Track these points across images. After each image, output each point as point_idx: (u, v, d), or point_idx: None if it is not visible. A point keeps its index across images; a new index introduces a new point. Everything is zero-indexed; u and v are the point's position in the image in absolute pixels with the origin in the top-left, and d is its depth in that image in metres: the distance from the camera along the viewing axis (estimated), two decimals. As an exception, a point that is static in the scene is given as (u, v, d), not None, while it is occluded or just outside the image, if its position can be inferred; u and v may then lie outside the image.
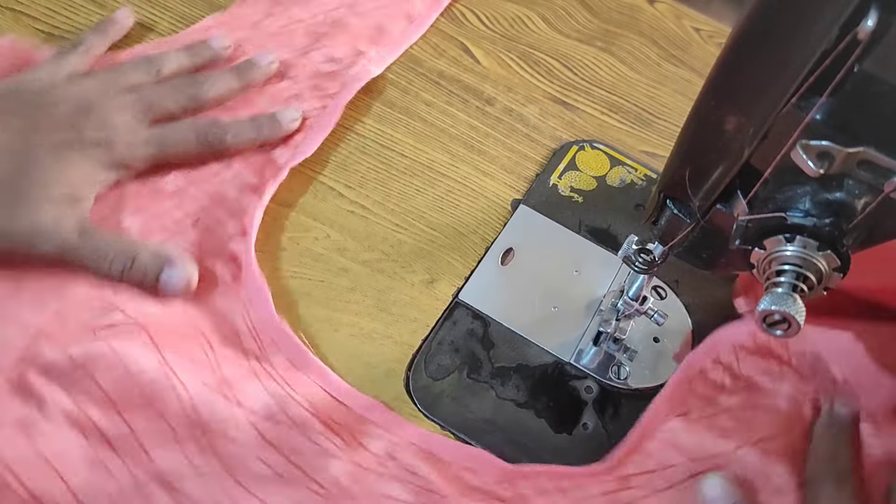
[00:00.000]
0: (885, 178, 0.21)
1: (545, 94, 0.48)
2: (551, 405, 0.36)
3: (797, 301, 0.23)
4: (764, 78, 0.21)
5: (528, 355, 0.37)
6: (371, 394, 0.35)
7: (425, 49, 0.49)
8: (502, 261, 0.40)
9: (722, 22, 0.54)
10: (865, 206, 0.22)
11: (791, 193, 0.23)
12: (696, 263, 0.30)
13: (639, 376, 0.37)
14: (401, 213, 0.41)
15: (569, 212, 0.43)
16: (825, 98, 0.20)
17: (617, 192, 0.44)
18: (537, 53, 0.50)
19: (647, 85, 0.50)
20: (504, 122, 0.46)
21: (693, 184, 0.26)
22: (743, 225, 0.25)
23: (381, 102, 0.46)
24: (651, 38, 0.52)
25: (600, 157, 0.45)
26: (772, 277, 0.24)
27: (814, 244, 0.23)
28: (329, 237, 0.40)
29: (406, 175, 0.43)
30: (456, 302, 0.38)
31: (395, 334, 0.37)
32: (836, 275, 0.24)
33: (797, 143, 0.21)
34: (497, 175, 0.44)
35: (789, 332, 0.23)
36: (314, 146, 0.41)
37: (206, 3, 0.49)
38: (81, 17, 0.47)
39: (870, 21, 0.18)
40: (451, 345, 0.37)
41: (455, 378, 0.36)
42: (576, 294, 0.40)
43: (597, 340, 0.38)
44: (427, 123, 0.46)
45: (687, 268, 0.30)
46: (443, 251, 0.40)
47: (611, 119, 0.48)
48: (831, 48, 0.19)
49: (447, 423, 0.35)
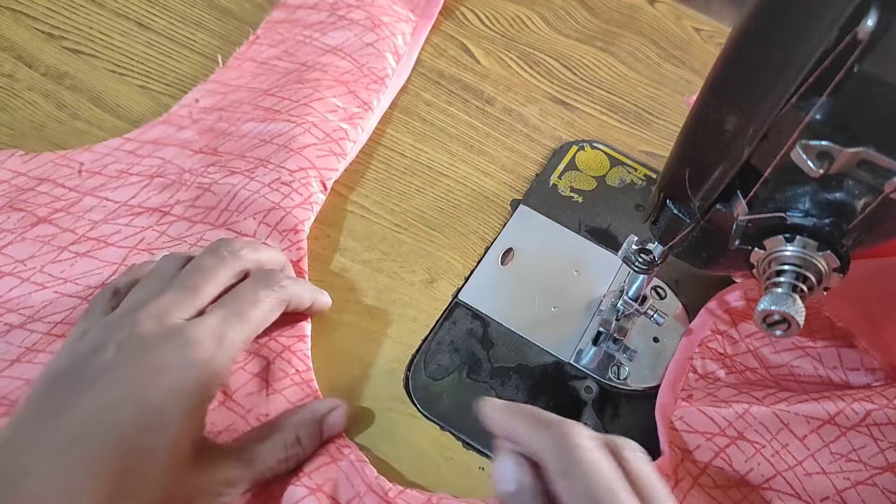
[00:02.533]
0: (885, 179, 0.21)
1: (545, 94, 0.48)
2: (551, 405, 0.36)
3: (797, 301, 0.23)
4: (764, 78, 0.21)
5: (528, 355, 0.37)
6: (371, 393, 0.35)
7: (425, 49, 0.49)
8: (502, 261, 0.40)
9: (722, 22, 0.54)
10: (865, 206, 0.22)
11: (791, 193, 0.23)
12: (696, 263, 0.30)
13: (638, 376, 0.37)
14: (401, 213, 0.41)
15: (569, 212, 0.42)
16: (825, 98, 0.20)
17: (617, 192, 0.44)
18: (537, 53, 0.50)
19: (647, 85, 0.50)
20: (504, 122, 0.46)
21: (693, 184, 0.26)
22: (743, 225, 0.25)
23: (380, 102, 0.46)
24: (651, 38, 0.52)
25: (600, 157, 0.45)
26: (772, 277, 0.24)
27: (814, 244, 0.23)
28: (329, 237, 0.40)
29: (406, 175, 0.43)
30: (456, 302, 0.38)
31: (395, 334, 0.37)
32: (836, 275, 0.24)
33: (797, 143, 0.21)
34: (497, 175, 0.44)
35: (789, 332, 0.23)
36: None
37: (205, 3, 0.49)
38: (81, 17, 0.47)
39: (870, 21, 0.18)
40: (450, 345, 0.37)
41: (455, 378, 0.36)
42: (576, 294, 0.40)
43: (596, 340, 0.38)
44: (427, 123, 0.46)
45: (687, 268, 0.30)
46: (443, 251, 0.40)
47: (611, 119, 0.48)
48: (831, 48, 0.19)
49: (446, 423, 0.35)
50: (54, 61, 0.45)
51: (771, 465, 0.32)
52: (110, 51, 0.46)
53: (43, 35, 0.46)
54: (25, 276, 0.35)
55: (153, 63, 0.46)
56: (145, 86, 0.45)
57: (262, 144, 0.40)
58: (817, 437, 0.32)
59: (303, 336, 0.35)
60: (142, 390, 0.26)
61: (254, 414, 0.32)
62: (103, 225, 0.37)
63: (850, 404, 0.32)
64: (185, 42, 0.47)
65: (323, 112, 0.41)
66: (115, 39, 0.46)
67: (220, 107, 0.43)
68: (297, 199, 0.37)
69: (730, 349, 0.37)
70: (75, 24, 0.47)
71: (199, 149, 0.40)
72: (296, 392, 0.33)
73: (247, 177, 0.38)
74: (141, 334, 0.27)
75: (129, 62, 0.46)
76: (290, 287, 0.32)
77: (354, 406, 0.35)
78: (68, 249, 0.36)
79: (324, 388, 0.34)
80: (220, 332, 0.28)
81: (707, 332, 0.37)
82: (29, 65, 0.44)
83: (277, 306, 0.31)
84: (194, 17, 0.48)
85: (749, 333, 0.37)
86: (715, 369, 0.36)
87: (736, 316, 0.37)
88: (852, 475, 0.32)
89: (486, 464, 0.34)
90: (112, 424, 0.25)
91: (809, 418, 0.32)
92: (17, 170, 0.39)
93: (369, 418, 0.34)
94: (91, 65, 0.45)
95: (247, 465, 0.28)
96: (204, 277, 0.30)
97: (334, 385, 0.35)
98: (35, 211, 0.37)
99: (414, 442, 0.34)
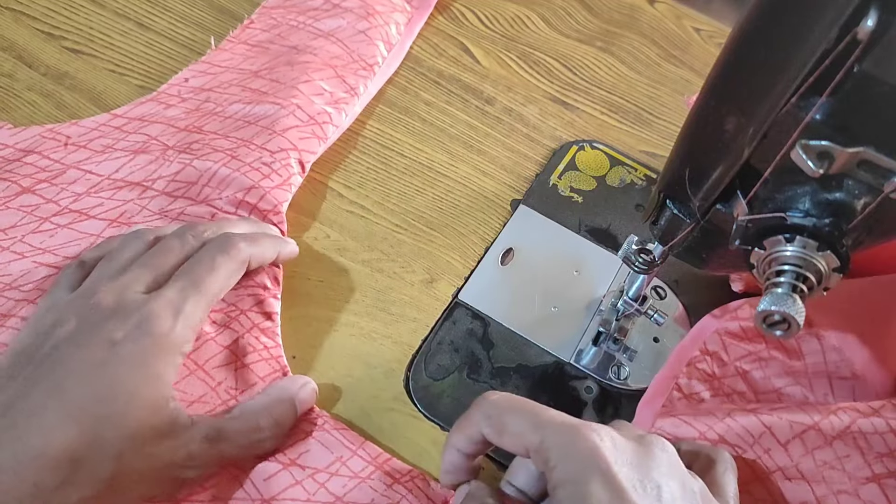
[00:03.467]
0: (885, 179, 0.21)
1: (545, 94, 0.48)
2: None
3: (797, 301, 0.23)
4: (764, 78, 0.21)
5: (528, 355, 0.37)
6: (371, 394, 0.35)
7: (425, 49, 0.49)
8: (502, 261, 0.40)
9: (722, 22, 0.54)
10: (865, 206, 0.22)
11: (791, 193, 0.23)
12: (696, 263, 0.30)
13: (638, 376, 0.37)
14: (400, 213, 0.41)
15: (569, 212, 0.42)
16: (825, 98, 0.20)
17: (617, 192, 0.44)
18: (537, 53, 0.50)
19: (647, 85, 0.50)
20: (504, 122, 0.46)
21: (693, 184, 0.26)
22: (743, 225, 0.25)
23: (380, 102, 0.46)
24: (651, 38, 0.52)
25: (600, 157, 0.45)
26: (771, 278, 0.24)
27: (813, 244, 0.23)
28: (329, 237, 0.40)
29: (406, 175, 0.43)
30: (456, 302, 0.38)
31: (395, 334, 0.37)
32: (836, 275, 0.24)
33: (797, 143, 0.21)
34: (497, 175, 0.44)
35: (789, 333, 0.23)
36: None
37: (205, 3, 0.49)
38: (81, 17, 0.47)
39: (870, 21, 0.18)
40: (450, 345, 0.37)
41: (455, 378, 0.36)
42: (576, 294, 0.40)
43: (597, 340, 0.38)
44: (427, 123, 0.46)
45: (687, 268, 0.30)
46: (442, 251, 0.40)
47: (611, 119, 0.48)
48: (831, 48, 0.19)
49: (447, 423, 0.34)
50: (54, 61, 0.45)
51: (750, 469, 0.32)
52: (110, 51, 0.46)
53: (43, 35, 0.46)
54: (6, 244, 0.36)
55: (153, 63, 0.46)
56: (145, 86, 0.45)
57: (245, 125, 0.40)
58: (800, 442, 0.32)
59: (270, 314, 0.35)
60: (98, 362, 0.27)
61: (224, 386, 0.33)
62: (86, 197, 0.38)
63: (835, 412, 0.32)
64: (185, 42, 0.47)
65: (309, 94, 0.41)
66: (115, 39, 0.46)
67: (210, 87, 0.43)
68: (277, 179, 0.38)
69: (718, 371, 0.35)
70: (75, 24, 0.47)
71: (185, 126, 0.41)
72: (264, 367, 0.34)
73: (229, 155, 0.38)
74: (99, 307, 0.29)
75: (129, 62, 0.46)
76: (246, 249, 0.32)
77: (355, 406, 0.35)
78: (50, 220, 0.37)
79: (324, 388, 0.34)
80: (177, 304, 0.29)
81: (696, 351, 0.36)
82: (29, 65, 0.44)
83: (237, 269, 0.32)
84: (194, 17, 0.48)
85: (740, 356, 0.36)
86: (700, 390, 0.35)
87: (727, 337, 0.36)
88: (835, 484, 0.31)
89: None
90: (69, 394, 0.26)
91: (793, 423, 0.32)
92: (5, 142, 0.40)
93: (369, 418, 0.34)
94: (91, 65, 0.45)
95: (212, 442, 0.29)
96: (167, 259, 0.31)
97: (334, 385, 0.35)
98: (20, 181, 0.38)
99: (414, 442, 0.34)
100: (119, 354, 0.27)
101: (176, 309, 0.29)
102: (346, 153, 0.43)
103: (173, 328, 0.29)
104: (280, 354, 0.35)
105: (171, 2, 0.49)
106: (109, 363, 0.27)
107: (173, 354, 0.29)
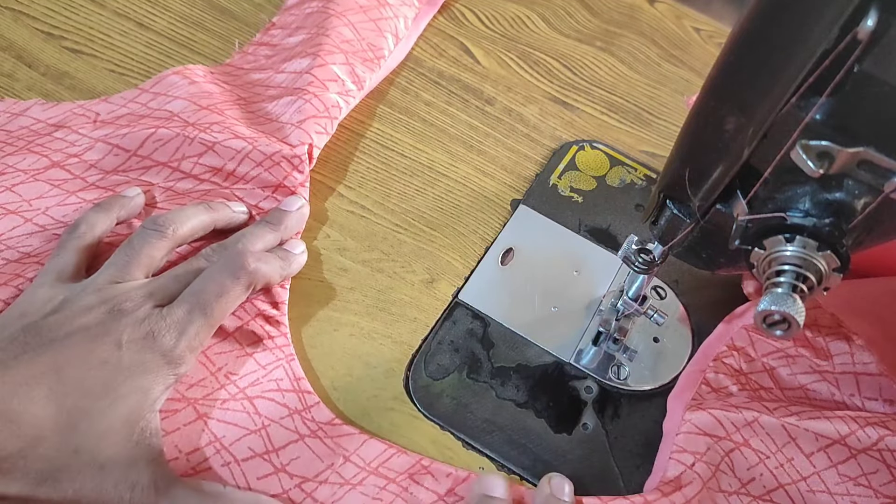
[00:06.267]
0: (885, 179, 0.21)
1: (545, 94, 0.48)
2: (551, 405, 0.36)
3: (797, 301, 0.23)
4: (764, 78, 0.21)
5: (528, 355, 0.37)
6: (371, 393, 0.35)
7: (425, 49, 0.49)
8: (502, 261, 0.40)
9: (722, 22, 0.54)
10: (865, 206, 0.22)
11: (791, 193, 0.23)
12: (696, 263, 0.30)
13: (638, 376, 0.37)
14: (401, 213, 0.41)
15: (569, 212, 0.42)
16: (825, 98, 0.20)
17: (617, 192, 0.44)
18: (537, 53, 0.50)
19: (646, 85, 0.50)
20: (504, 122, 0.46)
21: (693, 184, 0.26)
22: (743, 225, 0.25)
23: (381, 102, 0.46)
24: (651, 38, 0.52)
25: (600, 157, 0.45)
26: (771, 277, 0.24)
27: (813, 244, 0.23)
28: (329, 237, 0.40)
29: (406, 175, 0.43)
30: (456, 302, 0.38)
31: (395, 334, 0.37)
32: (836, 275, 0.24)
33: (797, 143, 0.21)
34: (497, 175, 0.44)
35: (789, 333, 0.23)
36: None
37: (205, 3, 0.49)
38: (81, 16, 0.47)
39: (870, 21, 0.18)
40: (450, 345, 0.37)
41: (455, 378, 0.36)
42: (576, 294, 0.40)
43: (597, 340, 0.38)
44: (427, 123, 0.46)
45: (687, 268, 0.30)
46: (443, 251, 0.40)
47: (611, 119, 0.48)
48: (831, 48, 0.19)
49: (447, 423, 0.35)
50: (54, 61, 0.45)
51: (774, 476, 0.32)
52: (110, 51, 0.46)
53: (43, 35, 0.46)
54: (28, 216, 0.36)
55: (153, 63, 0.46)
56: (145, 86, 0.45)
57: (267, 122, 0.40)
58: (825, 455, 0.32)
59: (277, 303, 0.36)
60: (101, 360, 0.28)
61: (223, 372, 0.33)
62: (113, 175, 0.38)
63: (862, 427, 0.32)
64: (185, 42, 0.47)
65: (324, 80, 0.41)
66: (115, 39, 0.46)
67: (236, 84, 0.44)
68: (300, 177, 0.38)
69: (745, 366, 0.36)
70: (75, 24, 0.47)
71: (206, 105, 0.41)
72: (267, 356, 0.34)
73: (251, 144, 0.38)
74: (122, 310, 0.30)
75: (129, 62, 0.46)
76: (258, 271, 0.33)
77: (355, 406, 0.35)
78: (76, 195, 0.37)
79: (324, 388, 0.34)
80: (183, 325, 0.30)
81: (723, 346, 0.36)
82: (29, 65, 0.44)
83: (243, 293, 0.33)
84: (194, 17, 0.48)
85: (767, 352, 0.36)
86: (728, 385, 0.36)
87: (754, 332, 0.37)
88: (860, 499, 0.31)
89: (487, 463, 0.34)
90: (63, 377, 0.28)
91: (819, 436, 0.32)
92: (38, 117, 0.41)
93: (369, 418, 0.34)
94: (91, 65, 0.45)
95: (158, 491, 0.28)
96: (193, 280, 0.32)
97: (334, 385, 0.35)
98: (50, 156, 0.38)
99: (414, 442, 0.34)
100: (121, 359, 0.29)
101: (181, 330, 0.30)
102: (347, 153, 0.43)
103: (174, 349, 0.30)
104: (286, 343, 0.35)
105: (171, 2, 0.49)
106: (110, 364, 0.28)
107: (167, 375, 0.30)
